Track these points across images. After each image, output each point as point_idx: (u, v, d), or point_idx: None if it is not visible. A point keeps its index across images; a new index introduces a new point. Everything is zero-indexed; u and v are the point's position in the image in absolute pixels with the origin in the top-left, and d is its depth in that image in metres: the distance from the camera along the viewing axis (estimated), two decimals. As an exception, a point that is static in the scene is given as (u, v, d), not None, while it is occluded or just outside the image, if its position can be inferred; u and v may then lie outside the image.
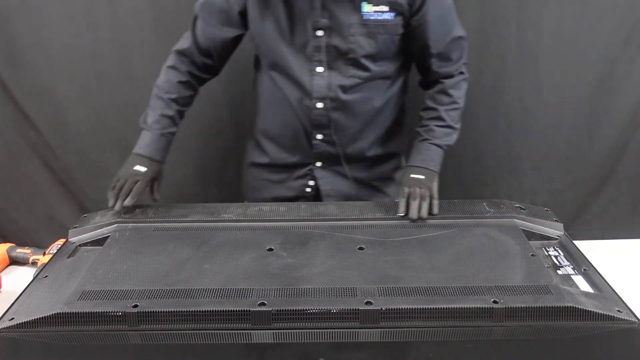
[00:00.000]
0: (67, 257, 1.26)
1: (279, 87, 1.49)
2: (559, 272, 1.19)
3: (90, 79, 1.85)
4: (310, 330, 1.02)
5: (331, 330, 1.02)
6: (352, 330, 1.02)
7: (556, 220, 1.37)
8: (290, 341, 1.01)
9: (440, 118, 1.48)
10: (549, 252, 1.26)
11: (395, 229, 1.32)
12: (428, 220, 1.36)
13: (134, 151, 1.46)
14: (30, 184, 1.96)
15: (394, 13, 1.39)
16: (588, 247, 1.28)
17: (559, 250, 1.27)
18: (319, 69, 1.44)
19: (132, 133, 1.93)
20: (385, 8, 1.38)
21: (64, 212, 1.98)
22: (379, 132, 1.55)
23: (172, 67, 1.50)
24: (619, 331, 1.03)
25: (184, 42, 1.50)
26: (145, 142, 1.47)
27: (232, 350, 1.02)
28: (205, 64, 1.52)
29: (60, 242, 1.38)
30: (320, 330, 1.02)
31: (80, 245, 1.33)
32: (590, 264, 1.21)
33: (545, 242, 1.31)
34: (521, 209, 1.41)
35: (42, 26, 1.79)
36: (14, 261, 1.48)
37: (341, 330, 1.02)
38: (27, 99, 1.86)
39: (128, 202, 1.39)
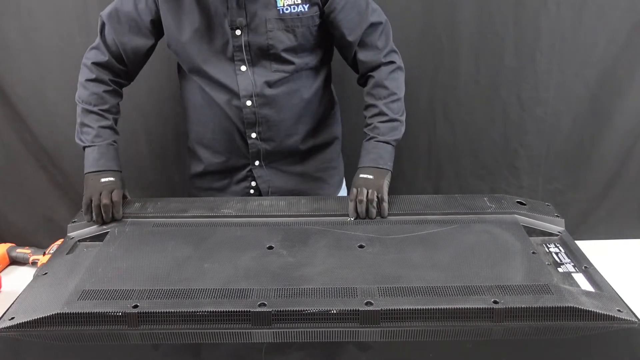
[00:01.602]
0: (67, 254, 1.26)
1: (205, 92, 1.48)
2: (560, 269, 1.18)
3: None
4: (310, 331, 1.02)
5: (331, 330, 1.02)
6: (352, 330, 1.02)
7: (557, 216, 1.37)
8: (290, 341, 1.01)
9: (382, 113, 1.45)
10: (550, 249, 1.26)
11: (395, 226, 1.32)
12: (428, 216, 1.35)
13: (87, 171, 1.40)
14: (28, 186, 1.96)
15: (308, 4, 1.39)
16: (588, 247, 1.28)
17: (560, 247, 1.27)
18: (243, 68, 1.43)
19: (125, 137, 1.92)
20: (298, 1, 1.39)
21: (62, 214, 1.98)
22: (311, 123, 1.55)
23: (94, 80, 1.46)
24: (619, 331, 1.03)
25: (99, 55, 1.46)
26: (94, 157, 1.41)
27: (233, 351, 1.02)
28: (123, 71, 1.50)
29: (60, 242, 1.38)
30: (320, 331, 1.02)
31: (79, 241, 1.32)
32: (590, 262, 1.21)
33: (546, 238, 1.31)
34: (522, 204, 1.41)
35: (34, 28, 1.78)
36: (14, 261, 1.47)
37: (341, 330, 1.02)
38: (20, 101, 1.85)
39: (118, 214, 1.35)
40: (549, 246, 1.27)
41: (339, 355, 1.02)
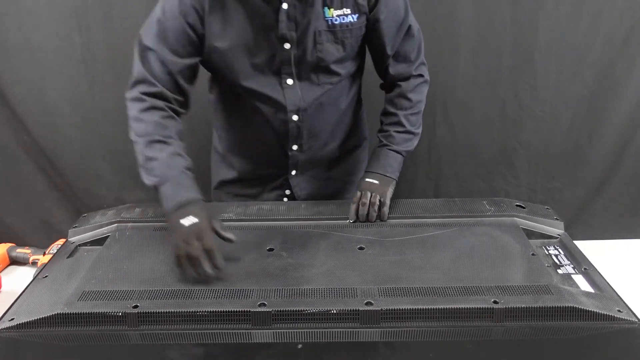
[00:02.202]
0: (67, 257, 1.26)
1: (246, 104, 1.41)
2: (559, 271, 1.19)
3: (81, 84, 1.84)
4: (310, 331, 1.02)
5: (331, 330, 1.02)
6: (352, 330, 1.02)
7: (557, 219, 1.37)
8: (290, 341, 1.01)
9: (400, 123, 1.45)
10: (550, 251, 1.26)
11: (395, 228, 1.32)
12: (428, 220, 1.35)
13: (165, 210, 1.20)
14: (26, 188, 1.96)
15: (357, 14, 1.34)
16: (588, 247, 1.28)
17: (560, 249, 1.27)
18: (289, 82, 1.38)
19: (125, 140, 1.91)
20: (348, 10, 1.33)
21: (60, 216, 1.99)
22: (346, 129, 1.54)
23: (149, 109, 1.28)
24: (619, 331, 1.03)
25: (147, 87, 1.29)
26: (169, 194, 1.20)
27: (233, 351, 1.02)
28: (178, 100, 1.34)
29: (60, 242, 1.38)
30: (321, 331, 1.02)
31: (80, 245, 1.33)
32: (590, 263, 1.21)
33: (546, 240, 1.31)
34: (521, 207, 1.41)
35: (33, 29, 1.78)
36: (14, 261, 1.47)
37: (341, 330, 1.02)
38: (19, 102, 1.85)
39: (219, 262, 1.11)
40: (548, 248, 1.28)
41: (339, 355, 1.01)
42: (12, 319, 1.04)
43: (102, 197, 1.96)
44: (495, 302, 1.03)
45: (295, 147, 1.47)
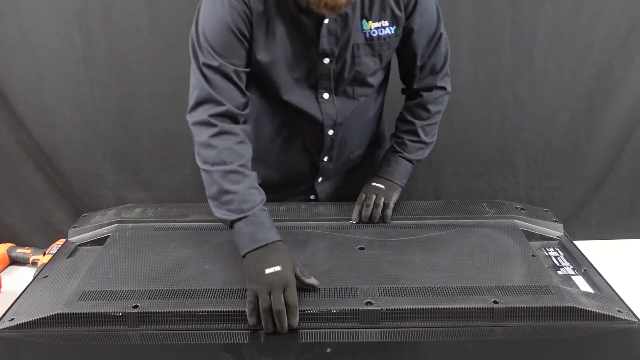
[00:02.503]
0: (67, 257, 1.26)
1: (281, 117, 1.38)
2: (559, 272, 1.19)
3: (82, 84, 1.84)
4: (310, 331, 1.02)
5: (331, 330, 1.02)
6: (352, 330, 1.02)
7: (556, 221, 1.38)
8: (290, 341, 1.01)
9: (415, 133, 1.44)
10: (549, 253, 1.26)
11: (395, 229, 1.33)
12: (428, 221, 1.36)
13: (245, 252, 1.11)
14: (25, 188, 1.95)
15: (395, 26, 1.30)
16: (588, 248, 1.28)
17: (559, 251, 1.27)
18: (325, 96, 1.34)
19: (126, 139, 1.92)
20: (385, 23, 1.29)
21: (60, 216, 1.98)
22: (370, 135, 1.53)
23: (220, 134, 1.20)
24: (619, 331, 1.03)
25: (213, 107, 1.21)
26: (249, 232, 1.12)
27: (233, 351, 1.02)
28: (242, 115, 1.26)
29: (60, 242, 1.38)
30: (321, 331, 1.02)
31: (80, 245, 1.33)
32: (591, 264, 1.21)
33: (546, 242, 1.32)
34: (521, 209, 1.41)
35: (33, 29, 1.78)
36: (14, 261, 1.47)
37: (341, 330, 1.02)
38: (18, 102, 1.85)
39: (294, 319, 1.02)
40: (548, 250, 1.28)
41: (339, 355, 1.01)
42: (12, 319, 1.04)
43: (102, 197, 1.96)
44: (495, 302, 1.03)
45: (326, 159, 1.45)
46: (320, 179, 1.51)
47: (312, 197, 1.54)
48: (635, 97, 1.90)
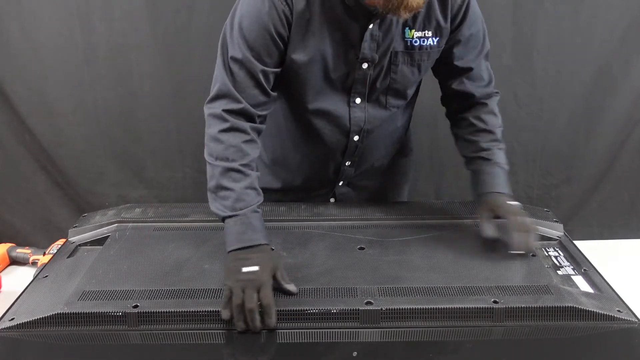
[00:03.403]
0: (67, 257, 1.26)
1: (306, 119, 1.35)
2: (559, 272, 1.18)
3: (84, 83, 1.85)
4: (310, 331, 1.02)
5: (331, 330, 1.02)
6: (352, 330, 1.02)
7: (556, 221, 1.37)
8: (290, 341, 1.02)
9: (499, 140, 1.36)
10: (549, 253, 1.26)
11: (395, 229, 1.32)
12: (428, 221, 1.35)
13: (229, 249, 1.12)
14: (27, 187, 1.96)
15: (438, 37, 1.26)
16: (588, 248, 1.28)
17: (559, 251, 1.27)
18: (357, 100, 1.31)
19: (127, 138, 1.92)
20: (429, 33, 1.24)
21: (61, 215, 1.99)
22: (397, 144, 1.51)
23: (231, 130, 1.19)
24: (619, 331, 1.03)
25: (230, 102, 1.20)
26: (237, 231, 1.13)
27: (233, 351, 1.03)
28: (259, 116, 1.24)
29: (60, 242, 1.38)
30: (320, 330, 1.02)
31: (80, 245, 1.33)
32: (591, 264, 1.21)
33: (545, 242, 1.31)
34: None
35: (35, 28, 1.79)
36: (14, 261, 1.47)
37: (341, 330, 1.02)
38: (20, 101, 1.86)
39: (273, 320, 1.02)
40: (548, 250, 1.28)
41: (339, 354, 1.02)
42: (13, 319, 1.04)
43: (103, 195, 1.97)
44: (495, 301, 1.03)
45: (348, 163, 1.43)
46: (341, 183, 1.49)
47: (332, 200, 1.52)
48: (634, 96, 1.91)
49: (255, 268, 1.06)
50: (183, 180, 1.95)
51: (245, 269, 1.06)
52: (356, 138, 1.37)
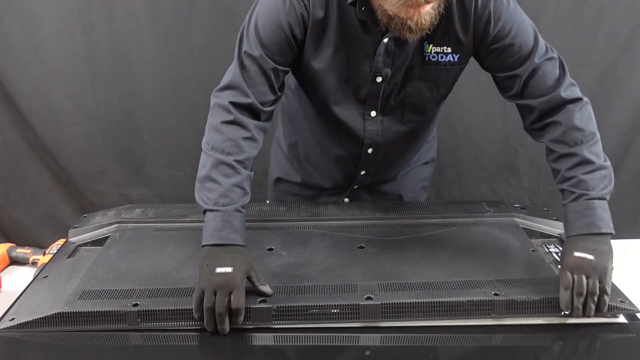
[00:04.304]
0: (67, 257, 1.26)
1: (326, 126, 1.36)
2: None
3: (85, 82, 1.86)
4: (311, 327, 1.02)
5: (332, 326, 1.02)
6: (353, 326, 1.02)
7: (556, 219, 1.37)
8: (291, 338, 1.02)
9: (587, 162, 1.14)
10: (550, 249, 1.26)
11: (395, 228, 1.32)
12: (428, 220, 1.35)
13: (204, 243, 1.10)
14: (31, 184, 1.97)
15: (459, 54, 1.21)
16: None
17: (560, 247, 1.27)
18: (373, 114, 1.29)
19: (128, 136, 1.93)
20: (448, 49, 1.20)
21: (65, 211, 2.00)
22: (416, 154, 1.50)
23: (233, 123, 1.17)
24: (619, 326, 1.04)
25: (239, 95, 1.18)
26: (215, 227, 1.10)
27: (233, 348, 1.02)
28: (265, 113, 1.22)
29: (61, 242, 1.38)
30: (321, 327, 1.02)
31: (80, 245, 1.32)
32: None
33: (546, 239, 1.31)
34: (521, 208, 1.41)
35: (37, 28, 1.80)
36: (14, 261, 1.47)
37: (342, 326, 1.02)
38: (22, 100, 1.87)
39: (240, 320, 1.02)
40: (548, 247, 1.28)
41: (340, 351, 1.02)
42: (13, 319, 1.04)
43: (105, 193, 1.98)
44: (495, 294, 1.03)
45: (363, 172, 1.43)
46: (356, 187, 1.49)
47: (346, 199, 1.52)
48: (638, 99, 1.89)
49: (229, 269, 1.03)
50: (184, 179, 1.96)
51: (219, 270, 1.03)
52: (370, 151, 1.36)
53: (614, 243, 1.08)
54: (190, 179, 1.91)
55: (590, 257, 1.04)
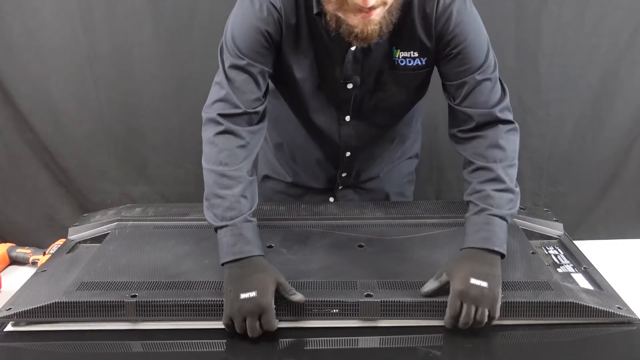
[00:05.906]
0: (67, 253, 1.26)
1: (304, 130, 1.40)
2: (559, 270, 1.19)
3: (86, 82, 1.86)
4: (310, 323, 1.02)
5: (331, 322, 1.02)
6: (352, 323, 1.02)
7: (556, 220, 1.37)
8: (289, 335, 1.02)
9: (498, 179, 1.15)
10: (549, 251, 1.26)
11: (394, 228, 1.32)
12: (428, 220, 1.35)
13: (222, 262, 1.08)
14: (30, 185, 1.96)
15: (425, 58, 1.22)
16: (588, 247, 1.28)
17: (559, 249, 1.27)
18: (347, 118, 1.33)
19: (129, 135, 1.93)
20: (415, 53, 1.21)
21: (64, 212, 1.99)
22: (398, 152, 1.51)
23: (224, 133, 1.16)
24: (618, 328, 1.03)
25: (227, 107, 1.18)
26: (227, 243, 1.09)
27: (233, 344, 1.02)
28: (257, 117, 1.21)
29: (61, 242, 1.38)
30: (320, 323, 1.02)
31: (79, 242, 1.33)
32: (590, 262, 1.21)
33: (545, 241, 1.31)
34: (521, 208, 1.41)
35: (38, 27, 1.80)
36: (14, 261, 1.47)
37: (341, 322, 1.02)
38: (23, 100, 1.87)
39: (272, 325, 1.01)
40: (548, 248, 1.28)
41: (340, 349, 1.02)
42: (10, 309, 1.04)
43: (106, 192, 1.98)
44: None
45: (344, 175, 1.47)
46: (340, 187, 1.51)
47: (331, 199, 1.53)
48: None
49: (254, 294, 1.00)
50: (185, 177, 1.96)
51: (243, 296, 1.00)
52: (348, 154, 1.40)
53: (616, 243, 1.08)
54: (192, 176, 1.93)
55: (484, 284, 1.01)
